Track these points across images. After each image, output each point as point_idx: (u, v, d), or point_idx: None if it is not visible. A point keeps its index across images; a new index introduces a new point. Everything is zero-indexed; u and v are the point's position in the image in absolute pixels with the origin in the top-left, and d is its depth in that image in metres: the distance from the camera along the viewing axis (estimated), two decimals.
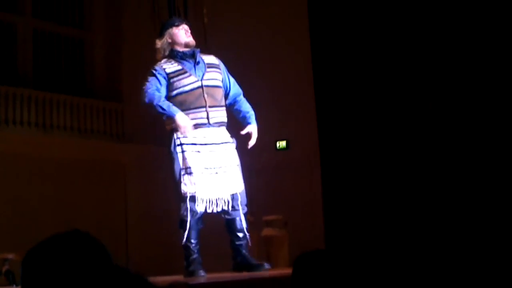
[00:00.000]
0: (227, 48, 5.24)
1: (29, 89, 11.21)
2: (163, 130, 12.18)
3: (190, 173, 4.66)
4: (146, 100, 4.78)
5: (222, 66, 5.05)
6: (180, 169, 4.68)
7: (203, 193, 4.68)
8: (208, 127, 4.77)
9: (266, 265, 4.78)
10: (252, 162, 5.01)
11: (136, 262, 9.95)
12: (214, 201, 4.72)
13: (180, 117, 4.63)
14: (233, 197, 4.80)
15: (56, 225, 6.77)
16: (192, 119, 4.71)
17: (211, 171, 4.73)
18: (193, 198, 4.66)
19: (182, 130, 4.63)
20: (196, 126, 4.72)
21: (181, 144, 4.72)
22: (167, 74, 4.82)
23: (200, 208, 4.69)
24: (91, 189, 11.03)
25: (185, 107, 4.74)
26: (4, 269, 6.91)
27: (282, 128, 8.57)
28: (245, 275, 4.69)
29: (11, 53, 11.53)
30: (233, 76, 5.08)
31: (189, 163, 4.68)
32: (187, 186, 4.66)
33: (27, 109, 10.95)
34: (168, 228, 10.08)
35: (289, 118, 9.27)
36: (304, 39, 8.69)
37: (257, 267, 4.74)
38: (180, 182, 4.67)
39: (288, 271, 3.63)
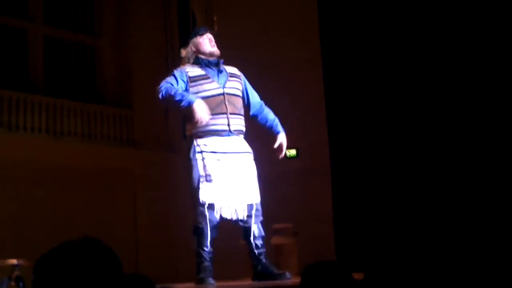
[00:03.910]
0: (237, 57, 5.23)
1: (39, 95, 11.27)
2: (172, 137, 12.14)
3: (210, 181, 4.65)
4: (161, 94, 4.75)
5: (243, 77, 5.08)
6: (199, 176, 4.67)
7: (222, 202, 4.67)
8: (228, 135, 4.77)
9: (288, 275, 4.75)
10: (262, 170, 5.00)
11: (145, 269, 9.94)
12: (233, 210, 4.72)
13: (199, 105, 4.61)
14: (251, 206, 4.81)
15: (66, 231, 6.78)
16: (213, 125, 4.72)
17: (230, 180, 4.73)
18: (211, 206, 4.65)
19: (199, 118, 4.61)
20: (217, 133, 4.72)
21: (201, 152, 4.71)
22: (189, 77, 4.82)
23: (218, 216, 4.69)
24: (100, 195, 11.05)
25: None
26: (14, 274, 6.93)
27: (292, 136, 8.55)
28: (251, 284, 4.68)
29: (22, 59, 11.59)
30: None
31: (209, 170, 4.67)
32: (206, 193, 4.64)
33: (38, 115, 11.00)
34: (178, 234, 10.11)
35: (299, 126, 9.25)
36: (315, 47, 8.72)
37: (279, 276, 4.72)
38: (198, 189, 4.65)
39: (296, 280, 3.61)
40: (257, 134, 5.09)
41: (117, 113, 12.12)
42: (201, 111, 4.59)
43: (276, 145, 5.01)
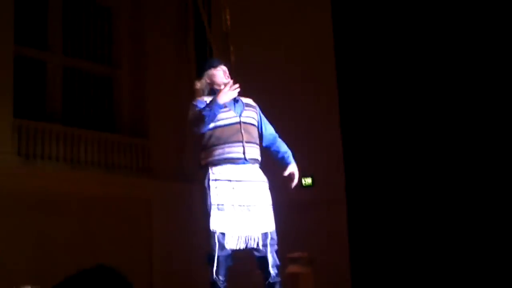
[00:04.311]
0: (252, 85, 5.27)
1: (57, 124, 11.36)
2: (188, 166, 12.08)
3: (221, 210, 4.66)
4: (194, 126, 4.79)
5: (258, 109, 5.13)
6: (212, 204, 4.68)
7: (233, 230, 4.67)
8: (244, 163, 4.79)
9: None
10: (277, 199, 5.00)
11: None
12: (244, 239, 4.72)
13: (221, 93, 4.69)
14: (265, 235, 4.80)
15: (81, 260, 6.77)
16: (228, 153, 4.75)
17: (244, 208, 4.73)
18: (222, 235, 4.66)
19: (226, 88, 4.66)
20: (232, 161, 4.75)
21: (216, 180, 4.73)
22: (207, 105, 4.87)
23: (229, 245, 4.68)
24: (116, 225, 11.06)
25: (222, 141, 4.77)
26: None
27: (307, 164, 8.55)
28: None
29: (41, 89, 11.72)
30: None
31: (222, 199, 4.68)
32: (218, 222, 4.65)
33: (56, 144, 11.07)
34: (194, 264, 10.08)
35: (314, 154, 9.26)
36: (330, 73, 8.75)
37: None
38: (210, 217, 4.67)
39: None
40: (273, 163, 5.11)
41: (133, 143, 12.18)
42: (227, 91, 4.68)
43: (286, 174, 5.01)
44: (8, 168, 10.07)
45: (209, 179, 4.74)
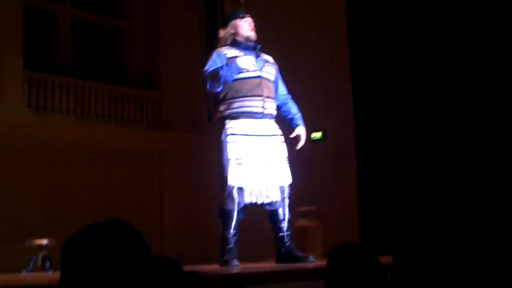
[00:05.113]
0: (263, 42, 5.24)
1: (67, 77, 11.35)
2: (199, 118, 12.14)
3: (240, 164, 4.66)
4: (206, 73, 4.77)
5: (276, 67, 5.10)
6: (229, 159, 4.68)
7: (251, 185, 4.69)
8: (261, 118, 4.79)
9: (311, 258, 4.77)
10: (287, 153, 5.01)
11: (170, 249, 10.03)
12: (263, 193, 4.74)
13: (241, 60, 4.71)
14: (282, 188, 4.82)
15: (92, 212, 6.86)
16: (248, 106, 4.74)
17: (261, 163, 4.74)
18: (240, 189, 4.67)
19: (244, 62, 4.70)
20: (251, 115, 4.74)
21: (233, 134, 4.72)
22: (228, 58, 4.84)
23: (247, 199, 4.70)
24: (127, 177, 11.13)
25: (242, 94, 4.75)
26: (41, 254, 7.02)
27: (317, 118, 8.53)
28: (276, 266, 4.70)
29: (51, 41, 11.68)
30: None
31: (239, 153, 4.68)
32: (235, 176, 4.66)
33: (66, 96, 11.08)
34: (204, 216, 10.17)
35: (325, 108, 9.24)
36: (342, 29, 8.67)
37: (302, 259, 4.74)
38: (227, 172, 4.67)
39: (321, 262, 3.63)
40: (282, 120, 5.13)
41: (144, 95, 12.17)
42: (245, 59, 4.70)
43: (292, 135, 5.02)
44: (19, 120, 10.11)
45: (226, 133, 4.74)
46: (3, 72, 10.29)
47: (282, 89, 5.14)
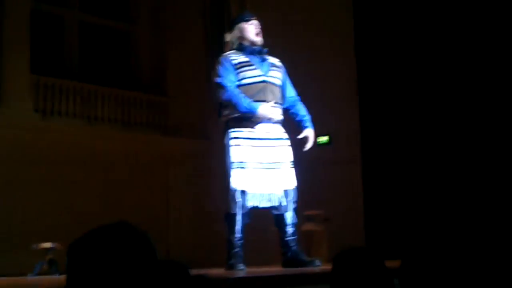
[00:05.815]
0: (269, 45, 5.23)
1: (74, 81, 11.38)
2: (206, 124, 12.13)
3: (243, 168, 4.67)
4: (226, 97, 4.76)
5: (284, 69, 5.09)
6: (232, 163, 4.69)
7: (254, 189, 4.68)
8: (266, 122, 4.79)
9: (317, 262, 4.75)
10: (294, 157, 5.01)
11: (177, 255, 10.02)
12: (266, 197, 4.74)
13: (263, 109, 4.68)
14: (287, 192, 4.81)
15: (98, 216, 6.85)
16: None
17: (265, 166, 4.74)
18: (243, 193, 4.67)
19: (267, 116, 4.69)
20: (253, 120, 4.74)
21: (236, 138, 4.73)
22: (234, 65, 4.84)
23: (250, 203, 4.70)
24: (134, 181, 11.14)
25: None
26: (47, 258, 7.03)
27: (323, 123, 8.53)
28: (282, 270, 4.69)
29: (58, 45, 11.71)
30: None
31: (243, 157, 4.68)
32: (239, 180, 4.66)
33: (73, 101, 11.11)
34: (210, 221, 10.16)
35: (331, 113, 9.23)
36: (348, 31, 8.67)
37: (309, 263, 4.72)
38: (230, 176, 4.68)
39: (327, 267, 3.62)
40: (291, 122, 5.12)
41: (151, 100, 12.19)
42: (268, 111, 4.68)
43: (300, 137, 5.01)
44: (25, 124, 10.13)
45: (229, 137, 4.74)
46: (10, 76, 10.32)
47: (290, 91, 5.12)
